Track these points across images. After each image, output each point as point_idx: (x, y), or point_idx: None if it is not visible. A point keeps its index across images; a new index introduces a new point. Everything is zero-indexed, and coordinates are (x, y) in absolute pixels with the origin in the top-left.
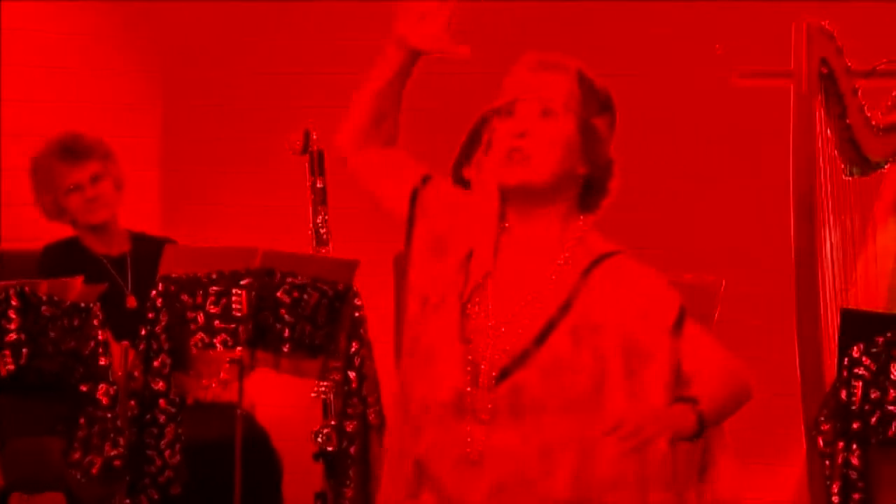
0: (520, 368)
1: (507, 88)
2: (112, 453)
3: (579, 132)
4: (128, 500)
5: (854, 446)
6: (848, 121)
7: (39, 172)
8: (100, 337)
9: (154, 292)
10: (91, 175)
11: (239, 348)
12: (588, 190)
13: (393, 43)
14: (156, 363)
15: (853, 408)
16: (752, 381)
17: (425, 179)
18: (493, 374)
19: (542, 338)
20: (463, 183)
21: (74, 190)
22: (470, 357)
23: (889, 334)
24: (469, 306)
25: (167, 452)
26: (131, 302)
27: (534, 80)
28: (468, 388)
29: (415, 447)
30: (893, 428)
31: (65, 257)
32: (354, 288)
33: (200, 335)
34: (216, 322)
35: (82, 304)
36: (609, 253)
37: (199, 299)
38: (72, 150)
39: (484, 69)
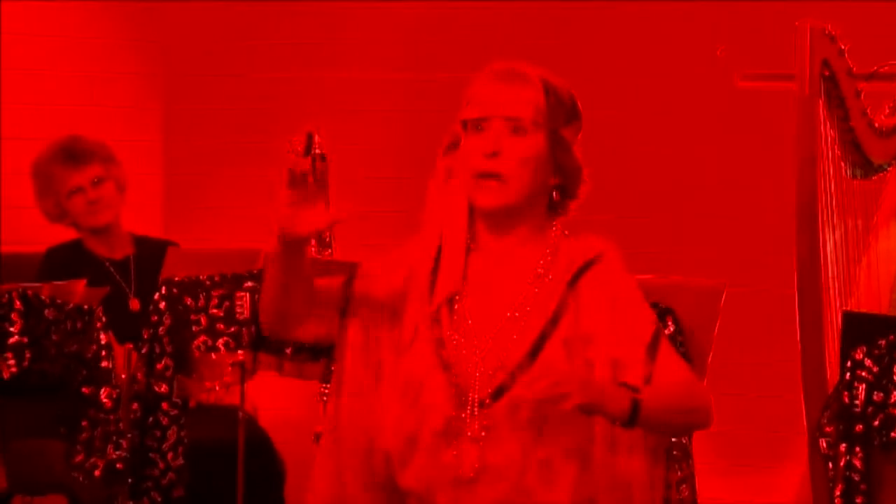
0: (516, 383)
1: (474, 102)
2: (114, 456)
3: (549, 145)
4: (130, 503)
5: (857, 449)
6: (850, 123)
7: (41, 176)
8: (102, 340)
9: (157, 295)
10: (92, 178)
11: (241, 351)
12: (558, 195)
13: (277, 241)
14: (159, 366)
15: (856, 410)
16: (712, 409)
17: (347, 283)
18: (488, 390)
19: (535, 351)
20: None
21: (76, 193)
22: (457, 381)
23: (892, 336)
24: (446, 332)
25: (170, 455)
26: (134, 305)
27: (500, 94)
28: (458, 412)
29: (399, 478)
30: None
31: (68, 260)
32: None
33: (203, 338)
34: (219, 325)
35: (85, 307)
36: (590, 260)
37: (202, 302)
38: (73, 153)
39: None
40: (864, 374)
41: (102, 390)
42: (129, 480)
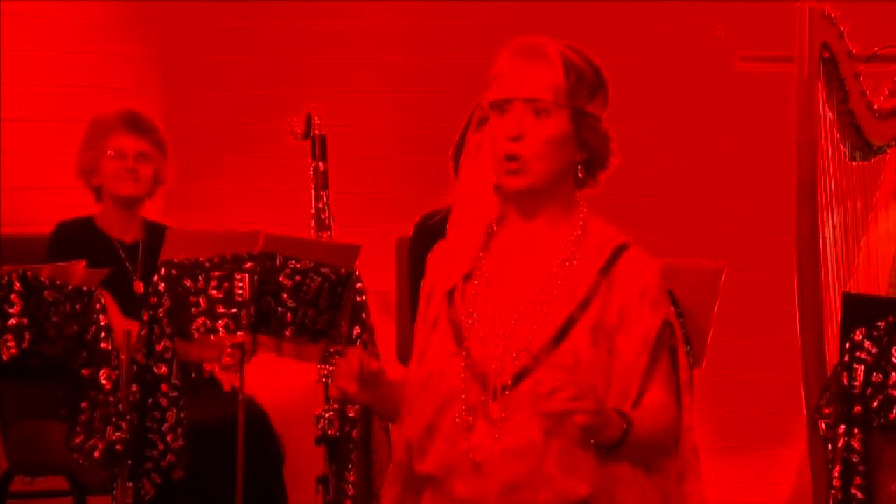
0: (540, 366)
1: (497, 82)
2: (114, 437)
3: (573, 124)
4: (130, 484)
5: (855, 430)
6: (850, 105)
7: (96, 129)
8: (102, 321)
9: (156, 277)
10: (139, 150)
11: (241, 333)
12: (586, 167)
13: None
14: (158, 348)
15: (855, 392)
16: (674, 437)
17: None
18: (511, 373)
19: (560, 336)
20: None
21: (118, 157)
22: (477, 364)
23: (891, 318)
24: (462, 315)
25: (169, 436)
26: (139, 287)
27: (521, 74)
28: (478, 395)
29: (418, 464)
30: (895, 412)
31: (77, 235)
32: (356, 272)
33: (203, 319)
34: (218, 306)
35: (84, 289)
36: (620, 247)
37: (202, 284)
38: (135, 121)
39: (483, 53)
40: (863, 355)
41: (102, 372)
42: (129, 462)
